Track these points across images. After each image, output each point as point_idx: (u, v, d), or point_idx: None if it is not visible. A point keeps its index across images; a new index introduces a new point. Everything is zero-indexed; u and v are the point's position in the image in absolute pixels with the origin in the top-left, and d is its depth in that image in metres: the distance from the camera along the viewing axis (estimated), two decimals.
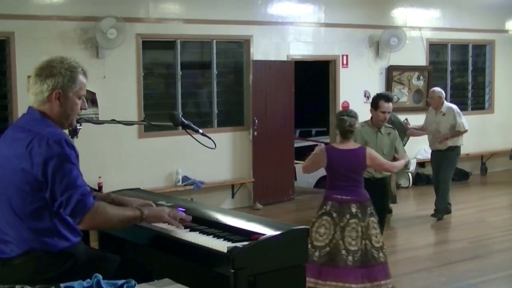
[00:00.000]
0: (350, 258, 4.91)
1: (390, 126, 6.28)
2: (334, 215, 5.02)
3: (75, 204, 2.77)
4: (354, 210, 5.01)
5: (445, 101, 8.59)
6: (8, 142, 2.90)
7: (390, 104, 6.11)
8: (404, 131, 8.16)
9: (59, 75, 2.88)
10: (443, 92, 8.63)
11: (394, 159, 5.83)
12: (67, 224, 2.90)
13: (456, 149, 8.44)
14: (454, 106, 8.61)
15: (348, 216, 4.99)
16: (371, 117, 6.23)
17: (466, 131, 8.39)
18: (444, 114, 8.40)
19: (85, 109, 3.03)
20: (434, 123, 8.47)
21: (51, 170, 2.75)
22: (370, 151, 5.23)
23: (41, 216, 2.83)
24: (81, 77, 2.95)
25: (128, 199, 3.39)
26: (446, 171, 8.39)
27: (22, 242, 2.84)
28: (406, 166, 7.46)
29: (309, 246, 4.79)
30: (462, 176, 11.29)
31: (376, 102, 6.13)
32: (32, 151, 2.76)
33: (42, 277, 2.80)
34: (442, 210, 8.44)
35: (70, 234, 2.92)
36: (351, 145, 5.20)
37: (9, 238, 2.86)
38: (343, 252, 4.92)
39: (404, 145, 7.36)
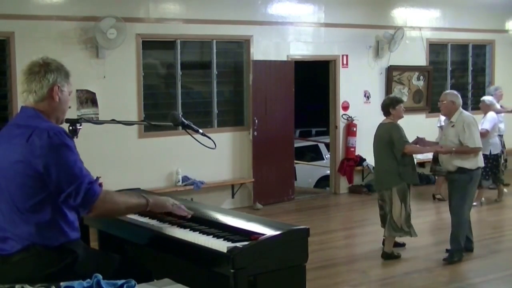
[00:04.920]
0: None
1: None
2: None
3: (85, 193, 2.82)
4: None
5: (460, 108, 6.50)
6: (6, 140, 2.94)
7: None
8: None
9: (57, 70, 2.97)
10: (457, 95, 6.57)
11: None
12: (67, 219, 2.92)
13: (467, 172, 6.34)
14: (468, 116, 6.57)
15: None
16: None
17: (476, 149, 6.35)
18: (453, 126, 6.43)
19: (69, 107, 3.14)
20: (443, 136, 6.68)
21: (55, 161, 2.79)
22: None
23: (42, 210, 2.85)
24: (70, 77, 3.07)
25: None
26: (456, 201, 6.47)
27: (22, 237, 2.86)
28: None
29: None
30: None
31: None
32: (34, 143, 2.80)
33: (41, 273, 2.82)
34: (454, 252, 6.50)
35: (70, 230, 2.94)
36: None
37: (9, 235, 2.88)
38: None
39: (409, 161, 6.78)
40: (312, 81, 16.27)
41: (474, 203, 8.88)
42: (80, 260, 2.94)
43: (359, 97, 10.65)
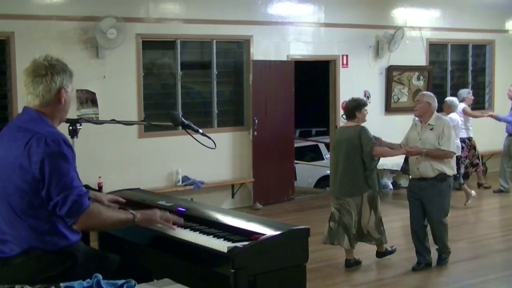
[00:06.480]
0: None
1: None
2: None
3: (72, 205, 2.79)
4: None
5: (436, 112, 6.23)
6: (5, 142, 2.92)
7: None
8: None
9: (63, 72, 2.92)
10: (434, 97, 6.28)
11: None
12: (66, 223, 2.90)
13: (447, 179, 6.10)
14: (447, 119, 6.56)
15: None
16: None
17: (450, 153, 6.06)
18: (432, 129, 6.10)
19: None
20: (417, 141, 6.17)
21: (48, 169, 2.76)
22: None
23: (40, 215, 2.84)
24: (73, 75, 3.02)
25: (98, 195, 3.47)
26: (437, 209, 6.14)
27: (21, 240, 2.85)
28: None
29: None
30: (462, 176, 11.26)
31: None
32: (31, 149, 2.78)
33: (42, 276, 2.81)
34: (442, 253, 6.38)
35: (70, 233, 2.92)
36: None
37: (9, 238, 2.87)
38: None
39: (375, 166, 6.39)
40: (312, 81, 16.28)
41: (469, 201, 9.12)
42: (80, 262, 2.93)
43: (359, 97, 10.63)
